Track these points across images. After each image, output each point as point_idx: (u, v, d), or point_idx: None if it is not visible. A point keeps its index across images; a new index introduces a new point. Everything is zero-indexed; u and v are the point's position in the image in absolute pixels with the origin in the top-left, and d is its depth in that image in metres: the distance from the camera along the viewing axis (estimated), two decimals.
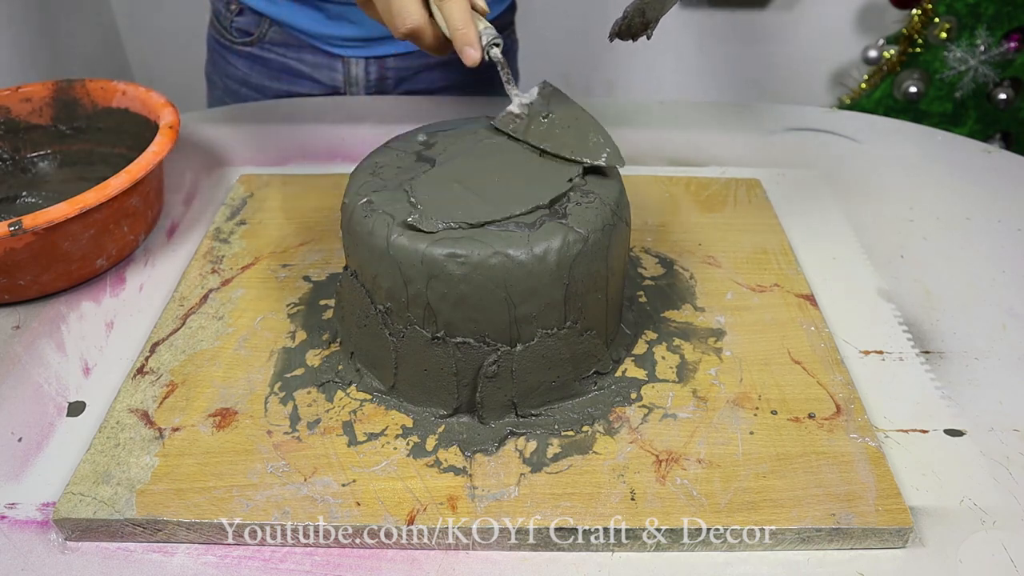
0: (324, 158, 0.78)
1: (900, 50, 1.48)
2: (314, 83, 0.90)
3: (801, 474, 0.46)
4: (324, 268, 0.62)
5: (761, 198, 0.70)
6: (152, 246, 0.67)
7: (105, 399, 0.53)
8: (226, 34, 0.90)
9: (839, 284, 0.62)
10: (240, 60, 0.90)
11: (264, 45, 0.88)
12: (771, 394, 0.51)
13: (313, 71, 0.89)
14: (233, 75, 0.91)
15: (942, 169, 0.77)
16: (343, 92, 0.91)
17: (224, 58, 0.92)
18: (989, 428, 0.51)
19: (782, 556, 0.44)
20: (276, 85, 0.91)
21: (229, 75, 0.92)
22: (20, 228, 0.54)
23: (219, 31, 0.91)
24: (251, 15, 0.87)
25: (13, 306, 0.61)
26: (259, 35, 0.88)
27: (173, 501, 0.45)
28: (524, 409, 0.50)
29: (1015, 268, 0.64)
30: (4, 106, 0.71)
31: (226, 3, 0.88)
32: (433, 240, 0.45)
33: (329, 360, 0.54)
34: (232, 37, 0.89)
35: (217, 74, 0.94)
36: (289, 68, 0.89)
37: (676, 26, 1.67)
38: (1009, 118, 1.51)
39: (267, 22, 0.87)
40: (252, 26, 0.88)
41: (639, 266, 0.62)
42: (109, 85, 0.71)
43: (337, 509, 0.44)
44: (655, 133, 0.83)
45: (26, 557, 0.44)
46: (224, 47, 0.91)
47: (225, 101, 0.95)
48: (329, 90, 0.91)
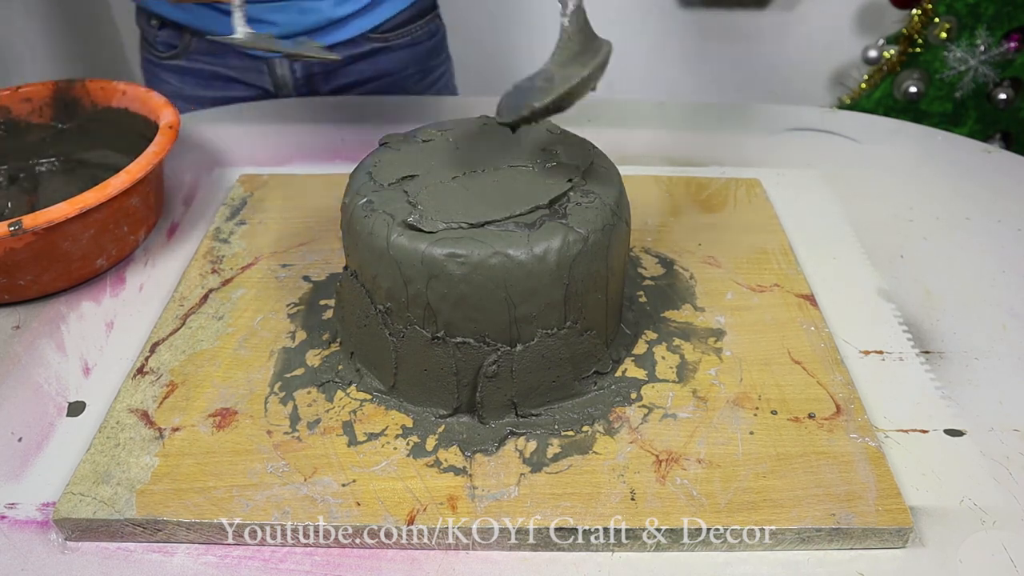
0: (324, 158, 0.78)
1: (900, 50, 1.48)
2: (245, 86, 0.92)
3: (801, 474, 0.46)
4: (324, 268, 0.62)
5: (761, 198, 0.70)
6: (152, 246, 0.67)
7: (105, 399, 0.53)
8: (153, 50, 0.91)
9: (839, 284, 0.62)
10: (170, 74, 0.92)
11: (191, 56, 0.89)
12: (771, 394, 0.51)
13: (241, 75, 0.91)
14: (167, 90, 0.92)
15: (942, 169, 0.77)
16: (274, 94, 0.92)
17: (156, 75, 0.93)
18: (989, 428, 0.51)
19: (782, 556, 0.44)
20: (209, 93, 0.92)
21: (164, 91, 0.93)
22: (20, 228, 0.54)
23: (147, 49, 0.92)
24: (172, 29, 0.88)
25: (13, 306, 0.61)
26: (183, 47, 0.89)
27: (173, 501, 0.45)
28: (524, 409, 0.50)
29: (1015, 268, 0.64)
30: (4, 106, 0.71)
31: (147, 20, 0.89)
32: (433, 240, 0.45)
33: (329, 360, 0.54)
34: (159, 52, 0.91)
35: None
36: (218, 75, 0.91)
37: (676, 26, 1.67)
38: (1009, 118, 1.51)
39: (188, 33, 0.88)
40: (175, 39, 0.89)
41: (639, 266, 0.62)
42: (109, 85, 0.71)
43: (337, 509, 0.44)
44: (655, 133, 0.83)
45: (26, 557, 0.44)
46: (154, 64, 0.92)
47: None
48: (260, 92, 0.92)
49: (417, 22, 0.93)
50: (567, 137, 0.55)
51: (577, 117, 0.84)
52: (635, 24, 1.66)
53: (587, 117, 0.85)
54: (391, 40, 0.91)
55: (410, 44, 0.93)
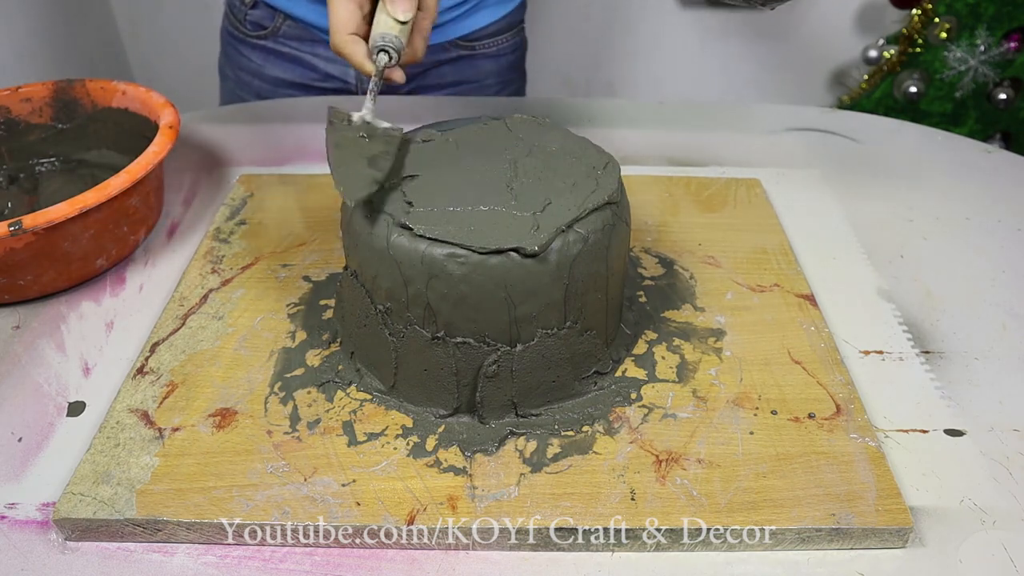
0: (324, 158, 0.78)
1: (900, 50, 1.48)
2: (327, 77, 0.91)
3: (801, 474, 0.46)
4: (324, 268, 0.62)
5: (761, 198, 0.70)
6: (152, 246, 0.67)
7: (105, 399, 0.53)
8: (240, 27, 0.91)
9: (839, 284, 0.62)
10: (254, 52, 0.91)
11: (278, 39, 0.89)
12: (771, 394, 0.51)
13: (326, 65, 0.90)
14: (246, 67, 0.92)
15: (942, 169, 0.77)
16: (355, 86, 0.92)
17: (237, 51, 0.93)
18: (989, 428, 0.51)
19: (782, 556, 0.44)
20: (289, 77, 0.91)
21: (242, 67, 0.93)
22: (20, 228, 0.54)
23: (233, 24, 0.92)
24: (265, 9, 0.88)
25: (13, 306, 0.61)
26: (273, 29, 0.88)
27: (173, 501, 0.45)
28: (524, 409, 0.50)
29: (1015, 268, 0.64)
30: (4, 106, 0.71)
31: None
32: (433, 240, 0.45)
33: (329, 360, 0.54)
34: (246, 30, 0.90)
35: (230, 67, 0.95)
36: (303, 61, 0.90)
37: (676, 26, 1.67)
38: (1009, 118, 1.51)
39: (281, 16, 0.88)
40: (267, 20, 0.88)
41: (639, 266, 0.62)
42: (109, 85, 0.71)
43: (337, 509, 0.44)
44: (655, 133, 0.83)
45: (26, 557, 0.44)
46: (238, 40, 0.92)
47: (237, 93, 0.96)
48: (340, 84, 0.92)
49: (505, 34, 0.92)
50: (567, 136, 0.55)
51: (577, 117, 0.85)
52: (635, 24, 1.66)
53: (587, 117, 0.85)
54: (477, 49, 0.91)
55: (495, 55, 0.93)
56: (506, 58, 0.94)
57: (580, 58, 1.72)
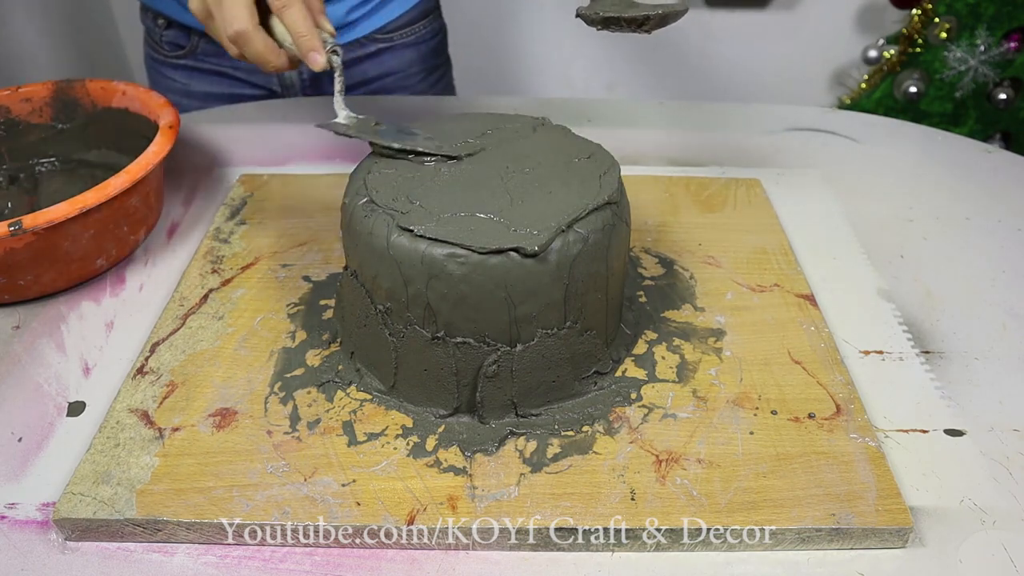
0: (324, 158, 0.79)
1: (900, 50, 1.48)
2: (252, 86, 0.92)
3: (801, 474, 0.46)
4: (324, 268, 0.62)
5: (761, 198, 0.70)
6: (152, 246, 0.67)
7: (105, 399, 0.53)
8: (160, 49, 0.91)
9: (839, 284, 0.62)
10: (177, 72, 0.92)
11: (198, 57, 0.90)
12: (771, 394, 0.51)
13: (248, 75, 0.91)
14: (173, 88, 0.93)
15: (942, 169, 0.77)
16: (280, 93, 0.92)
17: (161, 73, 0.93)
18: (989, 428, 0.51)
19: (782, 556, 0.44)
20: (217, 90, 0.92)
21: (170, 89, 0.93)
22: (20, 228, 0.54)
23: (153, 47, 0.92)
24: (179, 28, 0.88)
25: (13, 306, 0.61)
26: (191, 47, 0.89)
27: (173, 501, 0.45)
28: (524, 409, 0.50)
29: (1015, 268, 0.64)
30: (4, 106, 0.71)
31: (153, 19, 0.89)
32: (433, 240, 0.45)
33: (329, 360, 0.54)
34: (165, 52, 0.91)
35: (158, 89, 0.96)
36: (225, 75, 0.91)
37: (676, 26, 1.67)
38: (1009, 118, 1.51)
39: (196, 34, 0.88)
40: (183, 39, 0.89)
41: (639, 266, 0.62)
42: (109, 85, 0.71)
43: (337, 509, 0.44)
44: (655, 133, 0.83)
45: (26, 557, 0.44)
46: (160, 63, 0.92)
47: None
48: (266, 93, 0.92)
49: (421, 21, 0.93)
50: (567, 136, 0.55)
51: (577, 117, 0.85)
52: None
53: (587, 117, 0.85)
54: (396, 40, 0.91)
55: (414, 43, 0.93)
56: (427, 44, 0.95)
57: (580, 58, 1.72)
